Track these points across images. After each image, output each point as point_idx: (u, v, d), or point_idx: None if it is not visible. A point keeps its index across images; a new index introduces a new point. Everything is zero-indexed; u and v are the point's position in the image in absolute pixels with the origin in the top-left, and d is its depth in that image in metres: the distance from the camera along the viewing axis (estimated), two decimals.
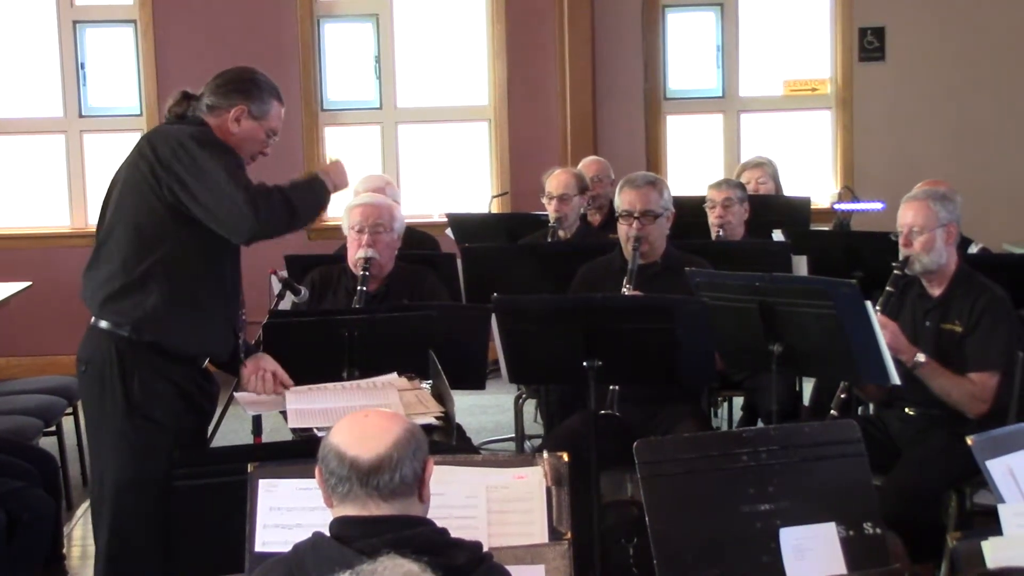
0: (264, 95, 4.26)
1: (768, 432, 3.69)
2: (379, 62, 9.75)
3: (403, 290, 5.37)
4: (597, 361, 4.45)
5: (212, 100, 4.22)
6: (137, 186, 4.12)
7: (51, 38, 9.58)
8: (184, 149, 4.06)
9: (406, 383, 4.33)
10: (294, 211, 4.15)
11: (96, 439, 4.23)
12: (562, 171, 7.06)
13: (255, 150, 4.29)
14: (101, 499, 4.21)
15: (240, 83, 4.27)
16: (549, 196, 6.87)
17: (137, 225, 4.11)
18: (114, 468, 4.15)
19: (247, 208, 4.01)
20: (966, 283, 4.92)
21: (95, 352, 4.15)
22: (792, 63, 10.04)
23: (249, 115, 4.22)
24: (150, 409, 4.11)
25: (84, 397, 4.27)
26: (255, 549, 3.25)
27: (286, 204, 4.13)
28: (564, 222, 6.81)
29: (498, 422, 7.70)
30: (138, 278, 4.09)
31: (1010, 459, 3.35)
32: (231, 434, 6.28)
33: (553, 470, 3.36)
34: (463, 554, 2.60)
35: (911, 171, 8.00)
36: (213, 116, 4.21)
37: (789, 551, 3.46)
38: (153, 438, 4.11)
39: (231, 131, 4.20)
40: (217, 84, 4.26)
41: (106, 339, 4.12)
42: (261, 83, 4.29)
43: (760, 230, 6.63)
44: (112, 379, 4.10)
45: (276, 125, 4.31)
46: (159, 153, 4.08)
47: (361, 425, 2.73)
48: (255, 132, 4.24)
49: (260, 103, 4.24)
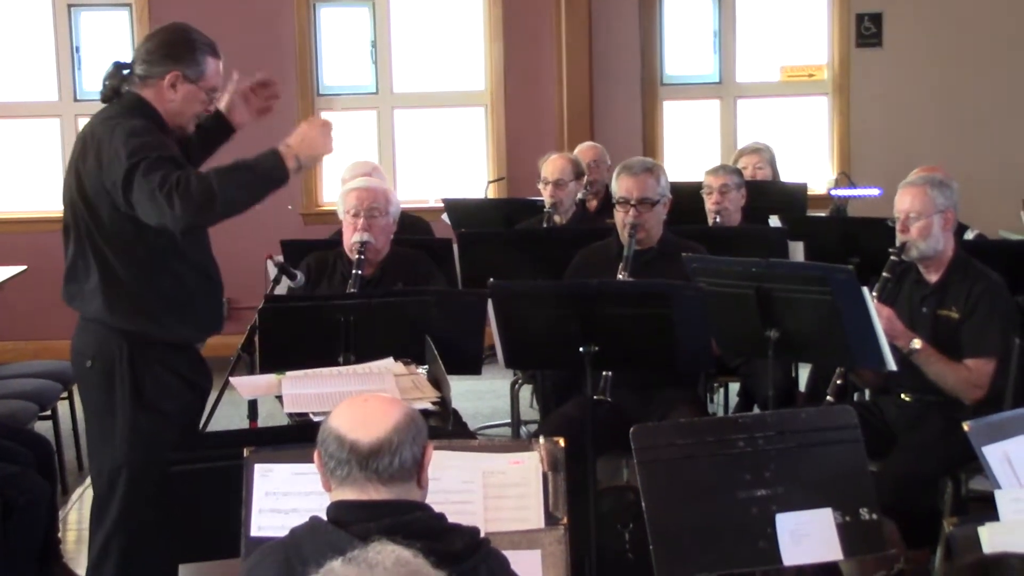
0: (196, 55, 4.15)
1: (764, 418, 3.69)
2: (375, 47, 9.73)
3: (399, 274, 5.37)
4: (593, 346, 4.45)
5: (143, 70, 4.13)
6: (98, 195, 4.09)
7: (46, 22, 9.55)
8: (118, 158, 3.99)
9: (402, 368, 4.33)
10: (212, 196, 3.94)
11: (101, 433, 4.22)
12: (558, 156, 7.06)
13: (197, 111, 4.21)
14: (109, 493, 4.19)
15: (169, 47, 4.16)
16: (545, 181, 6.87)
17: (111, 233, 4.10)
18: (123, 460, 4.14)
19: (165, 205, 3.90)
20: (962, 269, 4.92)
21: (102, 347, 4.14)
22: (789, 49, 10.03)
23: (184, 79, 4.13)
24: (160, 402, 4.14)
25: (89, 391, 4.25)
26: (251, 534, 3.24)
27: (204, 190, 3.93)
28: (560, 207, 6.81)
29: (494, 407, 7.70)
30: (128, 281, 4.10)
31: (1006, 445, 3.35)
32: (226, 419, 6.25)
33: (549, 455, 3.35)
34: (461, 539, 2.60)
35: (908, 157, 8.00)
36: (147, 87, 4.13)
37: (785, 537, 3.47)
38: (162, 428, 4.14)
39: (168, 98, 4.12)
40: (147, 50, 4.16)
41: (115, 336, 4.12)
42: (192, 42, 4.18)
43: (757, 216, 6.63)
44: (123, 374, 4.10)
45: (215, 82, 4.21)
46: (103, 167, 4.04)
47: (361, 409, 2.73)
48: (194, 94, 4.16)
49: (194, 64, 4.14)
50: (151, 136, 4.04)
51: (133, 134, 4.01)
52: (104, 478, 4.22)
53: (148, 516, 4.13)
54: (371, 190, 5.44)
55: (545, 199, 6.86)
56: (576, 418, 4.74)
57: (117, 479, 4.16)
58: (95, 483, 4.32)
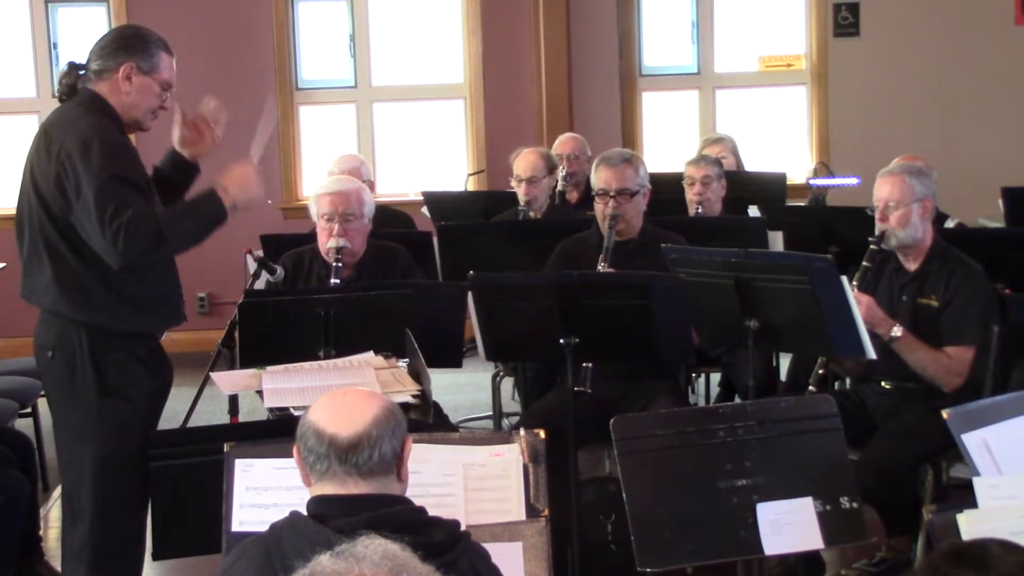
0: (150, 47, 4.20)
1: (745, 408, 3.71)
2: (354, 40, 9.71)
3: (375, 271, 5.31)
4: (574, 338, 4.45)
5: (98, 64, 4.18)
6: (50, 192, 4.08)
7: (23, 18, 9.51)
8: (71, 165, 4.01)
9: (383, 362, 4.32)
10: (162, 241, 4.06)
11: (67, 426, 4.21)
12: (529, 151, 6.89)
13: (152, 105, 4.23)
14: (79, 486, 4.18)
15: (123, 40, 4.23)
16: (518, 179, 6.74)
17: (64, 227, 4.08)
18: (93, 451, 4.13)
19: (109, 242, 3.97)
20: (942, 258, 4.94)
21: (62, 339, 4.14)
22: (767, 39, 10.05)
23: (138, 71, 4.16)
24: (124, 389, 4.13)
25: (52, 383, 4.24)
26: (232, 529, 3.25)
27: (153, 236, 4.02)
28: (534, 204, 6.69)
29: (475, 400, 7.70)
30: (82, 275, 4.09)
31: (985, 432, 3.36)
32: (207, 414, 6.26)
33: (530, 447, 3.36)
34: (441, 532, 2.60)
35: (886, 146, 8.02)
36: (103, 81, 4.16)
37: (766, 526, 3.48)
38: (128, 416, 4.14)
39: (123, 91, 4.15)
40: (101, 46, 4.21)
41: (73, 327, 4.12)
42: (145, 37, 4.24)
43: (736, 206, 6.63)
44: (84, 365, 4.10)
45: (168, 77, 4.24)
46: (58, 168, 4.04)
47: (340, 403, 2.73)
48: (148, 87, 4.19)
49: (147, 56, 4.18)
50: (113, 153, 4.05)
51: (90, 146, 4.01)
52: (74, 470, 4.20)
53: (121, 508, 4.13)
54: (343, 194, 5.28)
55: (519, 196, 6.73)
56: (557, 410, 4.74)
57: (87, 470, 4.15)
58: (64, 476, 4.30)
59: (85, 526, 4.18)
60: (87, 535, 4.18)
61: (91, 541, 4.17)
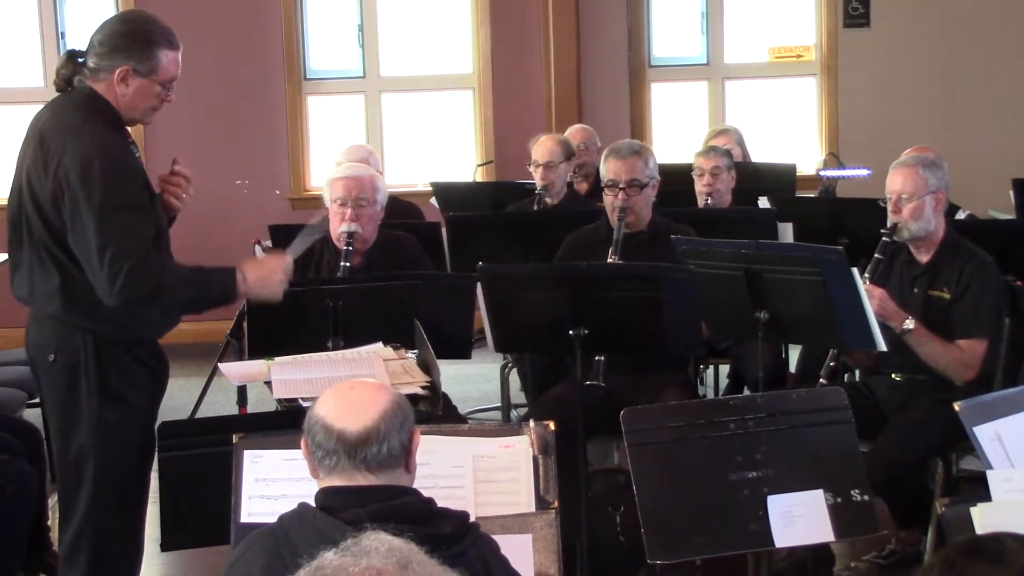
0: (149, 47, 3.98)
1: (755, 400, 3.69)
2: (362, 30, 9.70)
3: (385, 261, 5.29)
4: (583, 330, 4.44)
5: (95, 63, 3.98)
6: (49, 204, 3.96)
7: (31, 7, 9.51)
8: (68, 187, 3.86)
9: (391, 353, 4.31)
10: (159, 299, 3.91)
11: (67, 428, 4.09)
12: (548, 138, 7.04)
13: (153, 104, 4.05)
14: (77, 488, 4.09)
15: (120, 39, 3.99)
16: (535, 164, 6.85)
17: (64, 239, 3.96)
18: (93, 454, 4.05)
19: (105, 282, 3.83)
20: (953, 250, 4.92)
21: (63, 341, 4.03)
22: (777, 30, 10.02)
23: (135, 74, 3.96)
24: (126, 393, 4.04)
25: (53, 385, 4.11)
26: (240, 520, 3.24)
27: (151, 292, 3.87)
28: (551, 189, 6.80)
29: (484, 391, 7.69)
30: (87, 284, 3.94)
31: (997, 425, 3.35)
32: (216, 405, 6.26)
33: (539, 439, 3.35)
34: (449, 524, 2.59)
35: (896, 137, 8.00)
36: (99, 81, 3.98)
37: (777, 518, 3.47)
38: (128, 419, 4.06)
39: (120, 93, 3.97)
40: (98, 42, 4.00)
41: (76, 331, 4.02)
42: (145, 34, 4.00)
43: (745, 197, 6.62)
44: (88, 367, 4.00)
45: (169, 75, 4.02)
46: (55, 188, 3.91)
47: (347, 397, 2.71)
48: (146, 88, 3.99)
49: (145, 58, 3.96)
50: (114, 175, 3.89)
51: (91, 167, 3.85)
52: (72, 472, 4.10)
53: (118, 510, 4.08)
54: (358, 179, 5.27)
55: (536, 181, 6.84)
56: (566, 401, 4.73)
57: (84, 470, 4.06)
58: (61, 478, 4.20)
59: (82, 528, 4.10)
60: (84, 537, 4.10)
61: (88, 543, 4.09)
